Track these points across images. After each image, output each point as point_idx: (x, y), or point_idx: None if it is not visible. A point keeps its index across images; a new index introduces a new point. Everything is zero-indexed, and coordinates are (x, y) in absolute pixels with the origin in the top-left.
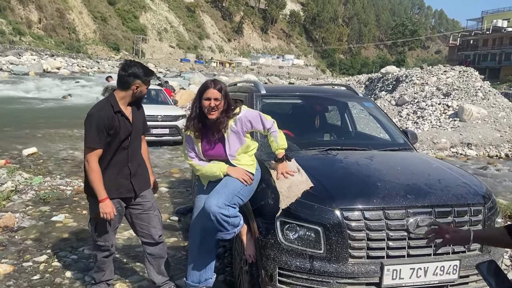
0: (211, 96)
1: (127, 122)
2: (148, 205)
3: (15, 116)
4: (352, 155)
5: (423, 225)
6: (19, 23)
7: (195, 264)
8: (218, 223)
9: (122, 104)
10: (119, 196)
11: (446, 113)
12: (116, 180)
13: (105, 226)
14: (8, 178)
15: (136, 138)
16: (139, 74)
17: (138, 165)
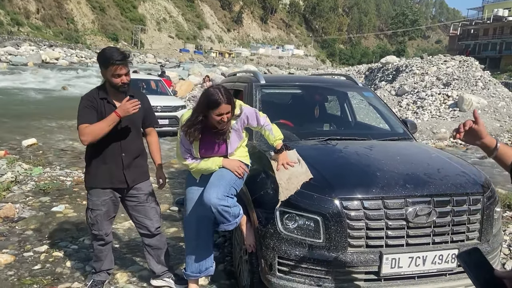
0: (223, 111)
1: (114, 109)
2: (143, 198)
3: (14, 107)
4: (351, 145)
5: (422, 214)
6: (17, 13)
7: (194, 255)
8: (220, 214)
9: (112, 93)
10: (111, 186)
11: (446, 103)
12: (108, 170)
13: (98, 215)
14: (8, 169)
15: (131, 129)
16: (100, 62)
17: (134, 156)
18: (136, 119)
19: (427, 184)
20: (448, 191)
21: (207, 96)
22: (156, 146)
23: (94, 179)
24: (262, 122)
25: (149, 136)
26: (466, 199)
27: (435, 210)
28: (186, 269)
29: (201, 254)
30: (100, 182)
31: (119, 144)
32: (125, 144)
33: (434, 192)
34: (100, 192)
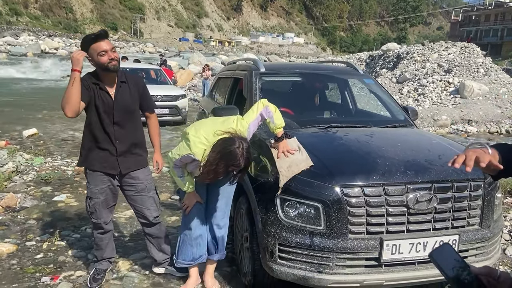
0: (237, 168)
1: (107, 95)
2: (141, 187)
3: (15, 97)
4: (352, 132)
5: (423, 201)
6: (16, 3)
7: (189, 243)
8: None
9: (104, 80)
10: (102, 170)
11: (447, 90)
12: (101, 155)
13: (96, 203)
14: (9, 159)
15: (125, 116)
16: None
17: (130, 144)
18: (130, 105)
19: (427, 170)
20: (449, 177)
21: (229, 154)
22: (155, 129)
23: (85, 160)
24: (265, 115)
25: (148, 119)
26: (467, 185)
27: (436, 196)
28: (178, 257)
29: (195, 241)
30: (91, 163)
31: (112, 131)
32: (119, 132)
33: (435, 178)
34: (98, 180)
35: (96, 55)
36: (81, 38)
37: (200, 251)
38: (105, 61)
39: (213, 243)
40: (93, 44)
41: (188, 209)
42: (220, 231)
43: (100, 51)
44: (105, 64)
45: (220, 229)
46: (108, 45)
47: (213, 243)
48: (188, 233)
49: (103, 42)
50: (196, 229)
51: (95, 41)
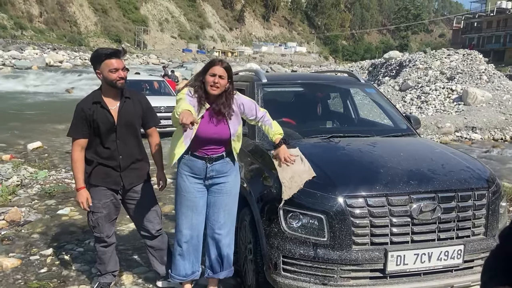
0: (217, 72)
1: (107, 113)
2: (143, 200)
3: (19, 110)
4: (354, 142)
5: (427, 211)
6: (20, 17)
7: (183, 259)
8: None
9: (107, 95)
10: (105, 186)
11: (450, 97)
12: (105, 171)
13: (99, 217)
14: (13, 173)
15: (128, 131)
16: (93, 62)
17: (133, 159)
18: (134, 122)
19: (431, 180)
20: (452, 187)
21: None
22: (158, 147)
23: (89, 176)
24: (259, 115)
25: (150, 137)
26: (471, 194)
27: (440, 206)
28: (172, 271)
29: (189, 257)
30: (95, 179)
31: (115, 147)
32: (123, 147)
33: (439, 188)
34: (101, 195)
35: (107, 70)
36: (85, 50)
37: (193, 267)
38: (114, 78)
39: (217, 261)
40: (107, 60)
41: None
42: (224, 248)
43: (112, 68)
44: (114, 81)
45: (224, 246)
46: (120, 64)
47: (217, 261)
48: (180, 249)
49: (115, 60)
50: (188, 244)
51: (109, 57)
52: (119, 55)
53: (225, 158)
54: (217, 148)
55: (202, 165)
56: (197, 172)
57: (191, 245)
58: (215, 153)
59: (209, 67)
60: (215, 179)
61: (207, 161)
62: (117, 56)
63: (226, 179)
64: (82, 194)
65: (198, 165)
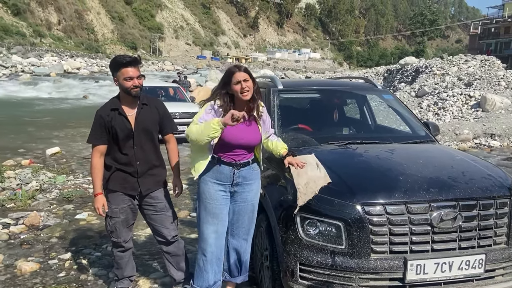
0: (240, 78)
1: (125, 120)
2: (160, 206)
3: (38, 116)
4: (372, 149)
5: (447, 219)
6: (39, 25)
7: (206, 269)
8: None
9: (125, 102)
10: (123, 191)
11: (468, 104)
12: (122, 176)
13: (117, 222)
14: (32, 178)
15: (145, 137)
16: (111, 69)
17: (150, 165)
18: (151, 128)
19: (452, 187)
20: (474, 195)
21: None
22: (175, 153)
23: (106, 182)
24: (272, 131)
25: (168, 143)
26: (492, 202)
27: (461, 215)
28: (194, 282)
29: (212, 268)
30: (113, 184)
31: (133, 153)
32: (140, 153)
33: (460, 196)
34: (119, 200)
35: (122, 78)
36: (102, 57)
37: (215, 276)
38: (128, 86)
39: (236, 266)
40: (123, 68)
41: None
42: (244, 254)
43: (127, 76)
44: (128, 89)
45: (245, 253)
46: (135, 72)
47: (236, 266)
48: (203, 258)
49: (131, 68)
50: (213, 254)
51: (125, 66)
52: (135, 63)
53: (251, 164)
54: (245, 154)
55: (229, 171)
56: (223, 179)
57: (214, 255)
58: (243, 159)
59: (229, 77)
60: (240, 186)
61: (235, 167)
62: (134, 64)
63: (251, 187)
64: (99, 200)
65: (225, 171)
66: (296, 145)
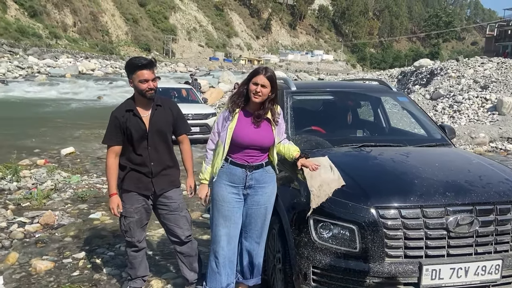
0: (259, 82)
1: (139, 121)
2: (174, 206)
3: (53, 117)
4: (386, 152)
5: (464, 224)
6: (55, 27)
7: (219, 272)
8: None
9: (140, 103)
10: (137, 191)
11: (484, 107)
12: (136, 176)
13: (131, 222)
14: (48, 177)
15: (159, 138)
16: (127, 71)
17: (164, 166)
18: (165, 129)
19: (468, 192)
20: (491, 199)
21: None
22: (188, 154)
23: (121, 182)
24: (284, 136)
25: (181, 144)
26: (510, 207)
27: (478, 219)
28: (207, 283)
29: (225, 271)
30: (127, 184)
31: (147, 154)
32: (154, 154)
33: (476, 200)
34: (133, 200)
35: (137, 80)
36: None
37: (228, 279)
38: (143, 88)
39: (249, 268)
40: (138, 71)
41: (202, 201)
42: (257, 257)
43: (142, 79)
44: (143, 91)
45: (257, 255)
46: (150, 75)
47: (249, 268)
48: (216, 261)
49: (146, 71)
50: (225, 257)
51: (141, 68)
52: (150, 66)
53: (264, 167)
54: (257, 156)
55: (242, 173)
56: (236, 181)
57: (227, 257)
58: (255, 161)
59: (253, 75)
60: (253, 189)
61: (247, 169)
62: (149, 67)
63: (264, 190)
64: (113, 200)
65: (237, 173)
66: (310, 147)
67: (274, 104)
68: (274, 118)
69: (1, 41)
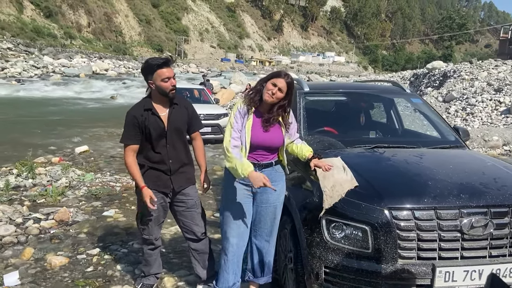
0: (278, 84)
1: (158, 120)
2: (191, 203)
3: (68, 116)
4: (400, 153)
5: (478, 226)
6: (70, 27)
7: (227, 269)
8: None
9: (157, 102)
10: (155, 189)
11: (497, 110)
12: (155, 174)
13: (149, 220)
14: (62, 175)
15: (177, 136)
16: (145, 73)
17: (181, 163)
18: (181, 126)
19: (483, 194)
20: (506, 202)
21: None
22: (202, 151)
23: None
24: (297, 135)
25: (194, 141)
26: None
27: (492, 222)
28: (217, 283)
29: (233, 268)
30: (146, 183)
31: (166, 152)
32: (172, 152)
33: (491, 202)
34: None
35: (159, 80)
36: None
37: (235, 278)
38: (167, 87)
39: (259, 266)
40: (159, 69)
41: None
42: (267, 255)
43: (164, 77)
44: (167, 90)
45: (267, 253)
46: (171, 72)
47: (259, 266)
48: (225, 257)
49: (167, 68)
50: (234, 254)
51: (161, 67)
52: (169, 64)
53: (274, 166)
54: (267, 155)
55: None
56: (246, 179)
57: (236, 254)
58: (265, 160)
59: (273, 76)
60: (263, 187)
61: (257, 168)
62: (168, 65)
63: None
64: (145, 193)
65: None
66: (322, 147)
67: (285, 111)
68: (284, 119)
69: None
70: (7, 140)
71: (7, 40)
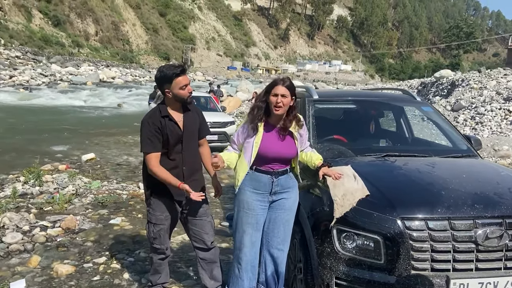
0: (279, 92)
1: (176, 126)
2: (201, 211)
3: (75, 123)
4: (411, 162)
5: (493, 237)
6: (78, 35)
7: (242, 277)
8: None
9: (172, 109)
10: (170, 197)
11: (507, 119)
12: None
13: (161, 229)
14: (69, 182)
15: (191, 142)
16: (162, 82)
17: (194, 170)
18: (195, 131)
19: (498, 204)
20: None
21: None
22: (209, 156)
23: (154, 188)
24: (308, 144)
25: (201, 147)
26: None
27: (508, 233)
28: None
29: (247, 276)
30: (159, 191)
31: (181, 157)
32: (187, 157)
33: (506, 213)
34: (164, 207)
35: (177, 88)
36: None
37: (250, 283)
38: (185, 95)
39: (273, 278)
40: (176, 78)
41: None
42: (281, 265)
43: (182, 85)
44: (185, 98)
45: (281, 263)
46: (187, 79)
47: (273, 278)
48: (239, 266)
49: (183, 76)
50: (247, 262)
51: (178, 76)
52: (185, 71)
53: (289, 173)
54: (281, 164)
55: (268, 180)
56: (261, 188)
57: (249, 262)
58: (280, 168)
59: (271, 87)
60: (279, 195)
61: (273, 175)
62: (184, 72)
63: (289, 195)
64: (185, 186)
65: (263, 180)
66: (332, 156)
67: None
68: (299, 124)
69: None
70: (14, 148)
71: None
